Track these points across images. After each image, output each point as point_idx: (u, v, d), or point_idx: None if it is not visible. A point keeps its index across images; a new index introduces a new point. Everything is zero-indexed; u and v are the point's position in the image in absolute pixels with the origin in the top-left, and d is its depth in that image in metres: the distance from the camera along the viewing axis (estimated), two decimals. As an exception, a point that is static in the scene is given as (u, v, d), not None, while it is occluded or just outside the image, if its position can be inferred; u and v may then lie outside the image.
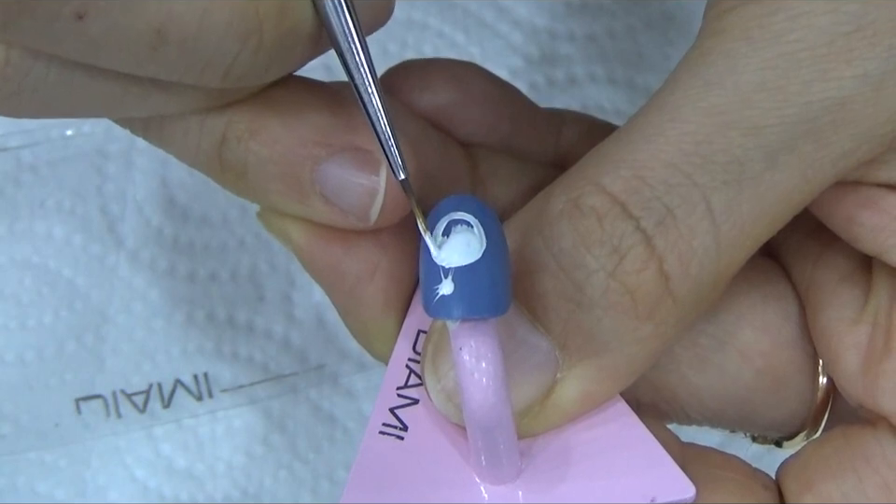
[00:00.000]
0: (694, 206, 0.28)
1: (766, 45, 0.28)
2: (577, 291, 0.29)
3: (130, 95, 0.28)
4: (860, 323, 0.32)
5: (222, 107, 0.29)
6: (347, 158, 0.30)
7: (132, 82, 0.27)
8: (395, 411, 0.31)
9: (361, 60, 0.28)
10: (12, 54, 0.26)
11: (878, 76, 0.27)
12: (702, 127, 0.28)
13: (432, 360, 0.30)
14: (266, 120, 0.30)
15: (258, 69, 0.27)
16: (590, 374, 0.30)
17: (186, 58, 0.26)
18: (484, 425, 0.28)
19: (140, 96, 0.28)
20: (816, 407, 0.34)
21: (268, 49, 0.27)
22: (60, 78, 0.26)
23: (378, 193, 0.30)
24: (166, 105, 0.28)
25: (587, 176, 0.29)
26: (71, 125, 0.52)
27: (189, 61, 0.26)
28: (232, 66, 0.27)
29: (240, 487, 0.50)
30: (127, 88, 0.27)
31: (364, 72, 0.28)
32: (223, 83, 0.27)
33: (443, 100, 0.36)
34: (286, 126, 0.30)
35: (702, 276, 0.29)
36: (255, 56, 0.27)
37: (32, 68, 0.26)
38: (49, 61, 0.26)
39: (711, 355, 0.33)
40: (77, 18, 0.24)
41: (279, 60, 0.28)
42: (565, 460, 0.30)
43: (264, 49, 0.27)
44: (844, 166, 0.28)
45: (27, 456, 0.50)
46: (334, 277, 0.32)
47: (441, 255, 0.27)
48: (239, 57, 0.26)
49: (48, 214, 0.52)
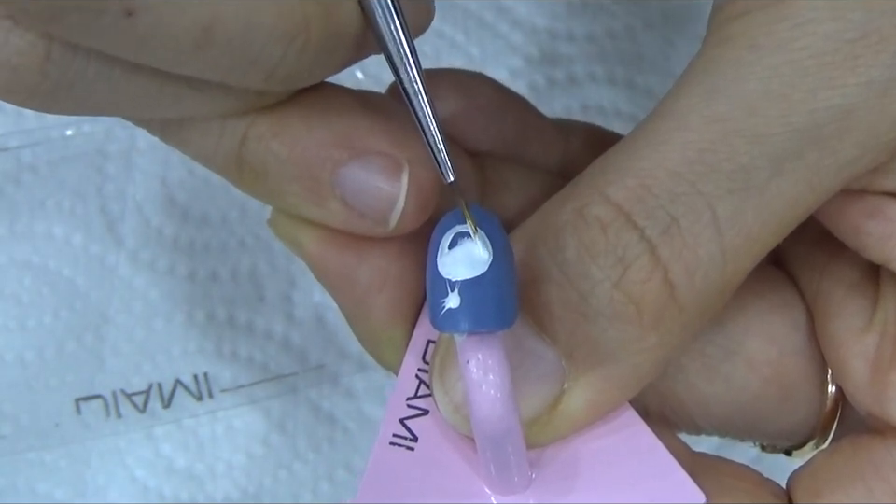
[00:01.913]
0: (699, 215, 0.28)
1: (771, 53, 0.27)
2: (582, 302, 0.29)
3: (165, 95, 0.27)
4: (868, 332, 0.32)
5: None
6: (369, 162, 0.30)
7: (170, 81, 0.27)
8: (405, 421, 0.31)
9: (410, 62, 0.27)
10: (53, 49, 0.25)
11: (883, 83, 0.27)
12: (707, 135, 0.28)
13: (440, 373, 0.30)
14: (289, 121, 0.29)
15: (301, 71, 0.27)
16: (596, 384, 0.30)
17: (231, 57, 0.26)
18: (493, 436, 0.28)
19: (175, 96, 0.27)
20: (824, 416, 0.34)
21: (314, 51, 0.26)
22: (98, 75, 0.26)
23: (398, 199, 0.30)
24: (201, 106, 0.28)
25: (592, 186, 0.29)
26: (71, 125, 0.52)
27: (235, 60, 0.26)
28: (277, 67, 0.26)
29: (240, 487, 0.50)
30: (163, 87, 0.27)
31: (413, 74, 0.27)
32: (266, 84, 0.27)
33: (451, 109, 0.36)
34: (308, 128, 0.29)
35: (707, 285, 0.29)
36: (300, 57, 0.26)
37: (72, 64, 0.26)
38: (89, 57, 0.26)
39: (719, 364, 0.33)
40: (126, 14, 0.24)
41: (323, 62, 0.27)
42: (574, 469, 0.30)
43: (310, 50, 0.26)
44: (849, 174, 0.28)
45: (27, 456, 0.50)
46: (345, 285, 0.32)
47: (447, 268, 0.27)
48: (284, 58, 0.26)
49: (48, 214, 0.52)
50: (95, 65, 0.26)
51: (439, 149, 0.28)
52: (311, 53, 0.26)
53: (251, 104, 0.29)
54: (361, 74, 0.50)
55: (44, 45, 0.25)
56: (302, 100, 0.30)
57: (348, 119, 0.30)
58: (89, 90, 0.27)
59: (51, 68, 0.26)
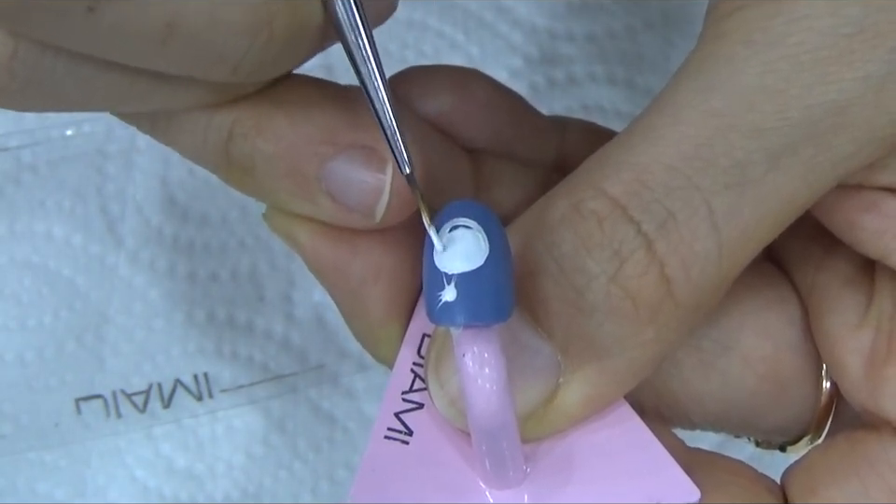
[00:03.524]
0: (696, 210, 0.28)
1: (767, 48, 0.27)
2: (578, 296, 0.29)
3: (136, 89, 0.27)
4: (863, 328, 0.32)
5: (230, 104, 0.29)
6: (353, 155, 0.30)
7: (139, 76, 0.27)
8: (400, 415, 0.31)
9: (368, 53, 0.27)
10: (20, 47, 0.25)
11: (879, 78, 0.27)
12: (703, 130, 0.28)
13: (435, 366, 0.30)
14: (273, 118, 0.30)
15: (266, 63, 0.27)
16: (592, 379, 0.30)
17: (196, 52, 0.26)
18: (488, 430, 0.28)
19: (147, 90, 0.28)
20: (819, 411, 0.34)
21: (278, 44, 0.27)
22: (66, 72, 0.26)
23: (384, 191, 0.30)
24: (173, 99, 0.28)
25: (588, 180, 0.29)
26: (71, 125, 0.52)
27: (199, 55, 0.26)
28: (242, 61, 0.26)
29: (240, 487, 0.50)
30: (134, 81, 0.27)
31: (370, 65, 0.28)
32: (232, 77, 0.27)
33: (447, 106, 0.36)
34: (292, 124, 0.30)
35: (703, 280, 0.29)
36: (265, 50, 0.26)
37: (39, 61, 0.26)
38: (57, 54, 0.26)
39: (714, 359, 0.33)
40: (89, 10, 0.24)
41: (288, 54, 0.27)
42: (569, 464, 0.30)
43: (275, 43, 0.26)
44: (845, 169, 0.28)
45: (27, 456, 0.50)
46: (339, 278, 0.32)
47: (443, 261, 0.27)
48: (249, 51, 0.26)
49: (48, 214, 0.52)
50: (63, 63, 0.26)
51: (395, 141, 0.28)
52: (275, 47, 0.27)
53: (222, 96, 0.29)
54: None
55: (11, 43, 0.25)
56: (285, 95, 0.30)
57: (332, 113, 0.30)
58: (58, 86, 0.27)
59: (18, 66, 0.26)
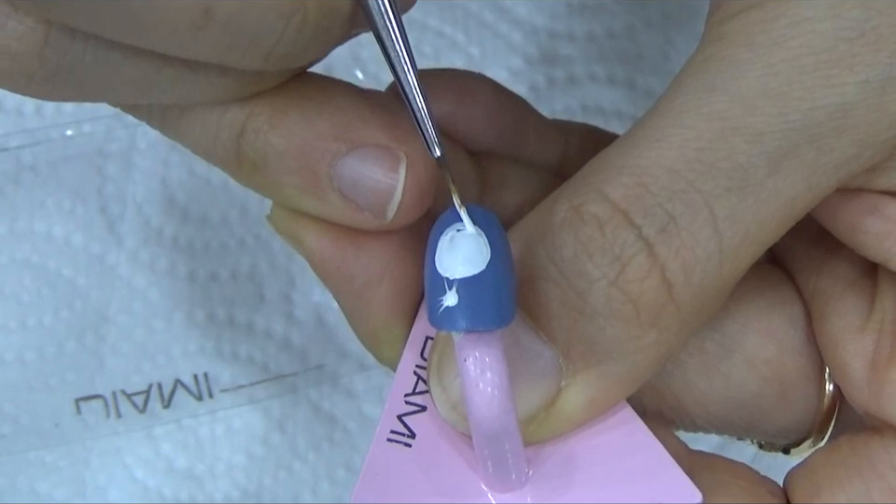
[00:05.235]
0: (697, 213, 0.28)
1: (769, 51, 0.27)
2: (579, 300, 0.29)
3: (163, 78, 0.27)
4: (865, 331, 0.32)
5: (244, 99, 0.29)
6: (366, 154, 0.30)
7: (167, 64, 0.27)
8: (403, 418, 0.31)
9: (398, 37, 0.27)
10: (52, 34, 0.26)
11: (881, 81, 0.27)
12: (704, 133, 0.28)
13: (437, 370, 0.30)
14: (287, 114, 0.29)
15: (298, 50, 0.27)
16: (594, 382, 0.30)
17: (230, 37, 0.26)
18: (490, 434, 0.28)
19: (173, 79, 0.27)
20: (822, 414, 0.34)
21: (311, 28, 0.26)
22: (96, 60, 0.26)
23: (396, 191, 0.30)
24: (196, 89, 0.28)
25: (589, 184, 0.29)
26: (71, 125, 0.52)
27: (234, 40, 0.26)
28: (276, 46, 0.26)
29: (240, 487, 0.50)
30: (161, 70, 0.27)
31: (400, 49, 0.28)
32: (265, 64, 0.27)
33: (450, 109, 0.36)
34: (306, 120, 0.30)
35: (705, 284, 0.29)
36: (298, 35, 0.26)
37: (70, 48, 0.26)
38: (87, 41, 0.26)
39: (717, 362, 0.33)
40: None
41: (319, 39, 0.27)
42: (571, 466, 0.30)
43: (308, 27, 0.26)
44: (847, 172, 0.28)
45: (27, 456, 0.50)
46: (343, 280, 0.32)
47: (445, 266, 0.27)
48: (283, 36, 0.26)
49: (48, 214, 0.52)
50: (93, 50, 0.26)
51: (425, 124, 0.28)
52: (308, 31, 0.26)
53: (249, 87, 0.29)
54: (361, 74, 0.50)
55: (43, 30, 0.25)
56: (299, 92, 0.30)
57: (346, 111, 0.30)
58: (87, 74, 0.27)
59: (50, 53, 0.26)
